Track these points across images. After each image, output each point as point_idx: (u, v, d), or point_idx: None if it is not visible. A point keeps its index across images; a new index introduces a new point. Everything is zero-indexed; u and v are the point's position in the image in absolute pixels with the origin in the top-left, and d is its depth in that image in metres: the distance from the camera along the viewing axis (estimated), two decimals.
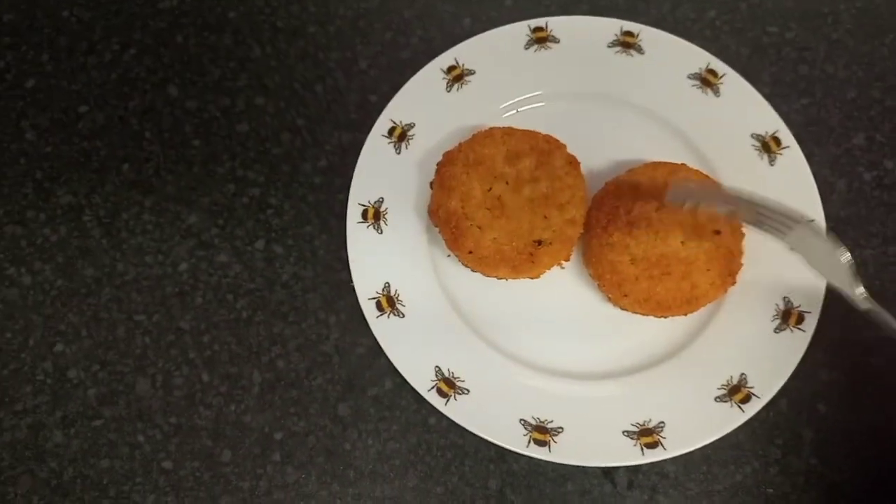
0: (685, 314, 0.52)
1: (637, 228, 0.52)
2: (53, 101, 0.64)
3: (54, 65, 0.66)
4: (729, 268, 0.52)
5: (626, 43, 0.60)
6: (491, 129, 0.58)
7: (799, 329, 0.53)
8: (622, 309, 0.54)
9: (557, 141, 0.57)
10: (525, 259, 0.53)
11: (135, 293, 0.58)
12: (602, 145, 0.59)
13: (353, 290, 0.57)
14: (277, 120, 0.64)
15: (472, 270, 0.55)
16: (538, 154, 0.56)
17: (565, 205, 0.55)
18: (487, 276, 0.55)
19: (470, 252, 0.53)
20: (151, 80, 0.65)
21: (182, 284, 0.59)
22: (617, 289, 0.52)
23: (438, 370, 0.53)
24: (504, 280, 0.56)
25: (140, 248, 0.60)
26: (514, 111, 0.60)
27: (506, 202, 0.54)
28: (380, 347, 0.56)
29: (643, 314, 0.53)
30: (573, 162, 0.56)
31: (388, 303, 0.55)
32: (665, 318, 0.52)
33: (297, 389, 0.56)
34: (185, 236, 0.60)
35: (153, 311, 0.58)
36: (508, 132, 0.57)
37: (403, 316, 0.54)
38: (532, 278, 0.56)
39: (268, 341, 0.57)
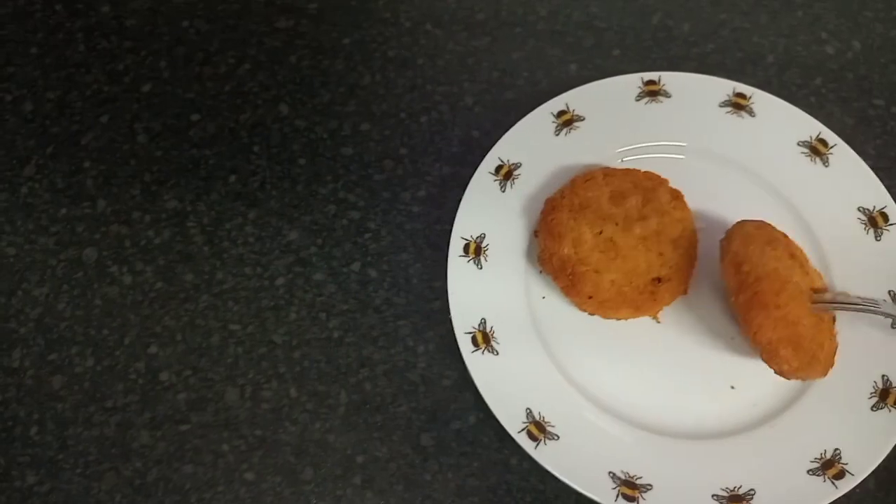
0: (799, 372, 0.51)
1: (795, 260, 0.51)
2: (167, 106, 0.65)
3: (171, 72, 0.67)
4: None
5: (738, 104, 0.60)
6: (591, 171, 0.58)
7: None
8: (747, 329, 0.51)
9: (659, 176, 0.57)
10: (647, 298, 0.53)
11: (231, 302, 0.58)
12: (706, 202, 0.58)
13: (444, 321, 0.57)
14: (381, 147, 0.64)
15: (591, 314, 0.54)
16: (642, 191, 0.56)
17: (678, 239, 0.55)
18: (607, 318, 0.54)
19: (590, 297, 0.52)
20: (263, 97, 0.66)
21: (278, 299, 0.59)
22: (773, 296, 0.50)
23: (529, 412, 0.52)
24: (599, 328, 0.55)
25: (240, 258, 0.60)
26: (620, 160, 0.60)
27: (618, 243, 0.54)
28: (466, 381, 0.55)
29: (767, 341, 0.50)
30: (678, 195, 0.56)
31: (484, 339, 0.54)
32: (779, 364, 0.50)
33: (382, 414, 0.55)
34: (285, 252, 0.60)
35: (248, 322, 0.58)
36: (609, 173, 0.57)
37: (497, 353, 0.54)
38: (653, 316, 0.55)
39: (357, 363, 0.57)
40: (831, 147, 0.58)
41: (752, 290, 0.49)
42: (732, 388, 0.54)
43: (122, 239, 0.61)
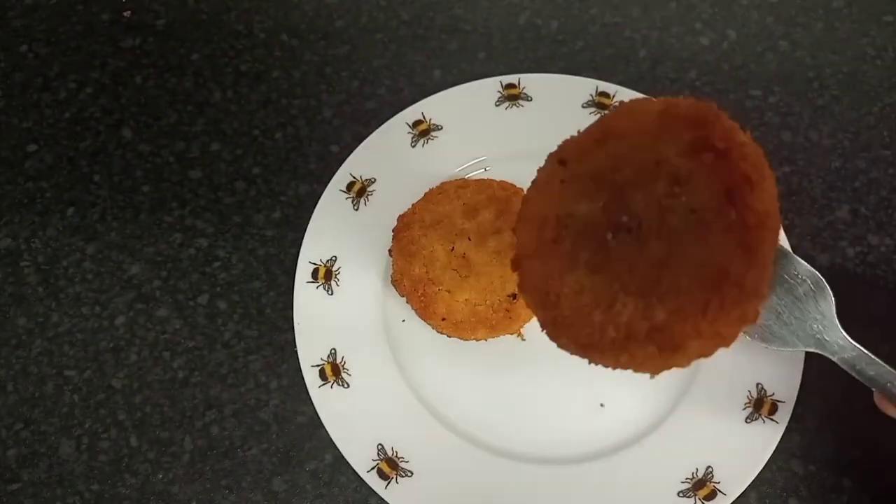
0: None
1: None
2: (2, 138, 0.60)
3: (6, 100, 0.62)
4: None
5: (602, 104, 0.56)
6: (443, 184, 0.54)
7: (771, 419, 0.48)
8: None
9: (514, 186, 0.53)
10: (502, 316, 0.49)
11: (67, 346, 0.54)
12: None
13: (296, 354, 0.52)
14: (233, 167, 0.59)
15: (448, 336, 0.50)
16: (496, 203, 0.52)
17: None
18: (465, 339, 0.50)
19: (443, 319, 0.48)
20: (105, 121, 0.61)
21: (118, 339, 0.54)
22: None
23: (381, 448, 0.48)
24: (460, 350, 0.51)
25: (77, 298, 0.55)
26: (483, 169, 0.56)
27: (472, 259, 0.50)
28: (319, 418, 0.50)
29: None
30: None
31: (333, 371, 0.50)
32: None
33: (231, 459, 0.51)
34: (126, 288, 0.55)
35: (85, 367, 0.53)
36: (462, 185, 0.53)
37: (348, 386, 0.50)
38: (512, 334, 0.51)
39: (203, 405, 0.52)
40: None
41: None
42: (602, 405, 0.50)
43: None
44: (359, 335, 0.51)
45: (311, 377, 0.50)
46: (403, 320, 0.53)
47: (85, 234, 0.57)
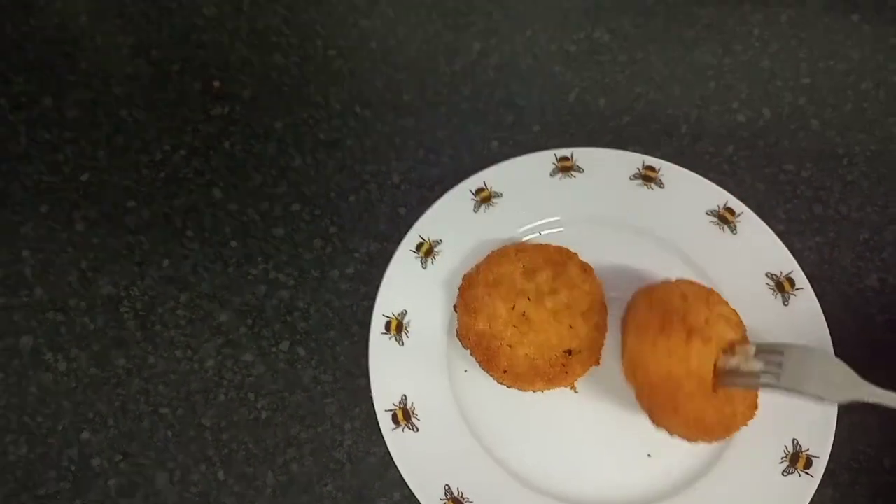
0: (716, 440, 0.51)
1: (693, 339, 0.50)
2: (105, 195, 0.66)
3: (109, 160, 0.68)
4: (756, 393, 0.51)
5: (648, 177, 0.61)
6: (504, 247, 0.58)
7: (807, 473, 0.51)
8: (658, 425, 0.52)
9: (569, 251, 0.58)
10: (559, 371, 0.54)
11: (162, 386, 0.59)
12: (619, 271, 0.59)
13: (370, 399, 0.57)
14: (312, 226, 0.65)
15: (508, 387, 0.54)
16: (553, 266, 0.57)
17: (587, 311, 0.55)
18: (524, 391, 0.54)
19: (505, 371, 0.53)
20: (197, 181, 0.66)
21: (207, 381, 0.59)
22: (669, 402, 0.50)
23: (448, 489, 0.52)
24: (518, 400, 0.55)
25: (171, 342, 0.60)
26: (537, 234, 0.61)
27: (531, 317, 0.54)
28: (391, 458, 0.55)
29: (678, 434, 0.51)
30: (587, 269, 0.57)
31: (404, 416, 0.54)
32: (695, 440, 0.51)
33: (308, 494, 0.55)
34: (215, 334, 0.60)
35: (177, 406, 0.58)
36: (521, 248, 0.58)
37: (417, 430, 0.54)
38: (566, 386, 0.56)
39: (284, 443, 0.57)
40: (738, 215, 0.59)
41: (648, 399, 0.50)
42: (649, 455, 0.54)
43: (58, 326, 0.61)
44: (426, 383, 0.56)
45: (384, 421, 0.54)
46: (466, 371, 0.57)
47: (179, 283, 0.62)
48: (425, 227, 0.60)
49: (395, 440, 0.53)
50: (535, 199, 0.61)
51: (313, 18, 0.73)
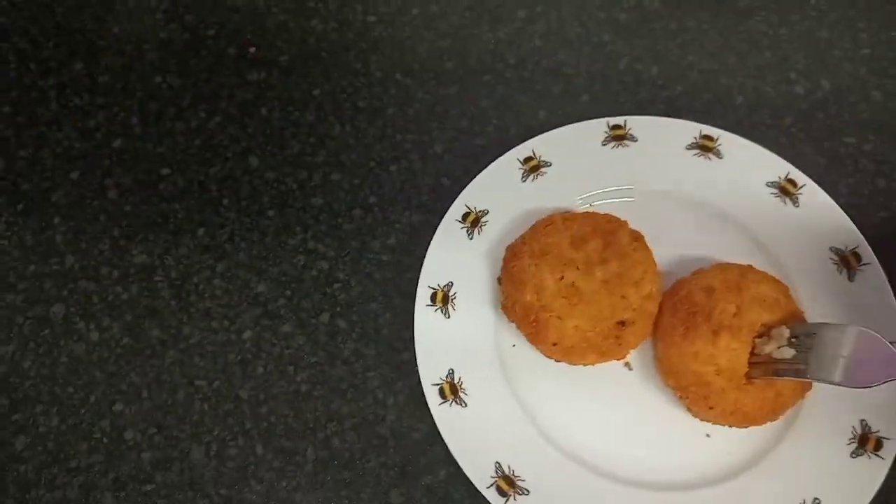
0: (766, 423, 0.48)
1: (719, 336, 0.48)
2: (138, 162, 0.64)
3: (142, 127, 0.65)
4: None
5: (705, 146, 0.58)
6: (551, 216, 0.56)
7: (877, 455, 0.48)
8: (703, 420, 0.50)
9: (618, 219, 0.55)
10: (612, 342, 0.51)
11: (198, 357, 0.56)
12: (674, 243, 0.56)
13: (413, 372, 0.55)
14: (351, 196, 0.62)
15: (557, 361, 0.52)
16: (602, 234, 0.54)
17: (640, 281, 0.52)
18: (574, 364, 0.52)
19: (554, 344, 0.50)
20: (233, 149, 0.64)
21: (245, 352, 0.56)
22: (703, 401, 0.48)
23: (499, 466, 0.49)
24: (569, 375, 0.52)
25: (207, 312, 0.58)
26: (588, 205, 0.58)
27: (580, 288, 0.52)
28: (436, 434, 0.52)
29: (726, 425, 0.49)
30: (638, 237, 0.54)
31: (452, 390, 0.52)
32: (746, 427, 0.48)
33: (350, 471, 0.53)
34: (253, 304, 0.58)
35: (214, 378, 0.56)
36: (569, 217, 0.55)
37: (466, 405, 0.51)
38: (621, 360, 0.53)
39: (324, 417, 0.54)
40: (801, 187, 0.56)
41: (684, 399, 0.50)
42: (708, 436, 0.51)
43: (90, 295, 0.59)
44: (473, 357, 0.53)
45: (431, 395, 0.51)
46: (514, 345, 0.54)
47: (215, 253, 0.60)
48: (472, 196, 0.57)
49: (443, 415, 0.51)
50: (586, 168, 0.59)
51: None
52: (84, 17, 0.70)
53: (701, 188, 0.57)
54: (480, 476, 0.49)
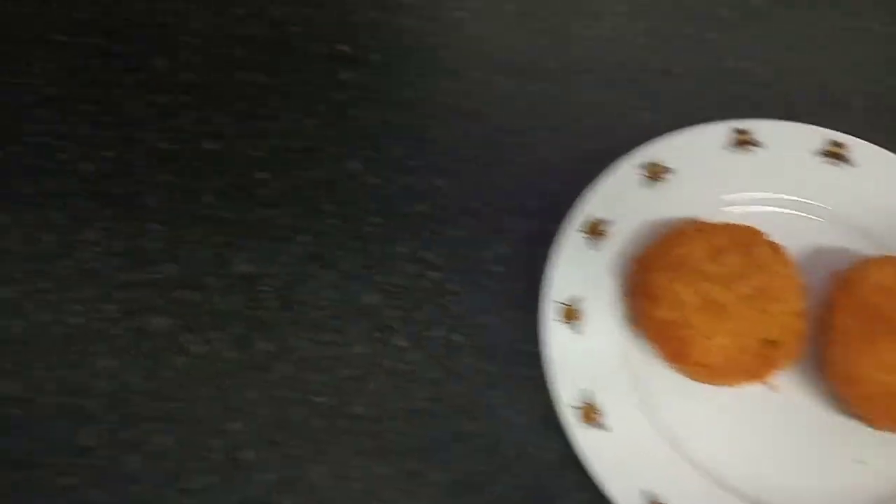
0: None
1: None
2: (232, 165, 0.60)
3: (233, 128, 0.62)
4: None
5: (834, 153, 0.56)
6: (682, 226, 0.53)
7: None
8: (884, 431, 0.48)
9: (755, 229, 0.52)
10: (760, 362, 0.49)
11: (311, 372, 0.54)
12: (805, 256, 0.54)
13: (537, 390, 0.53)
14: (458, 203, 0.59)
15: (697, 381, 0.49)
16: (740, 246, 0.51)
17: (785, 296, 0.50)
18: (717, 385, 0.49)
19: (699, 364, 0.47)
20: (332, 153, 0.61)
21: (358, 367, 0.54)
22: (889, 414, 0.45)
23: (645, 494, 0.47)
24: (708, 396, 0.50)
25: (317, 324, 0.55)
26: (712, 213, 0.55)
27: (722, 303, 0.49)
28: (568, 457, 0.50)
29: None
30: (777, 249, 0.51)
31: (591, 412, 0.49)
32: None
33: (479, 494, 0.51)
34: (363, 316, 0.55)
35: (329, 393, 0.53)
36: (701, 227, 0.52)
37: (606, 428, 0.49)
38: (763, 383, 0.51)
39: (447, 437, 0.52)
40: None
41: (864, 410, 0.48)
42: (861, 462, 0.48)
43: (193, 306, 0.56)
44: (608, 377, 0.51)
45: (569, 417, 0.49)
46: (645, 363, 0.52)
47: (320, 261, 0.57)
48: (593, 204, 0.55)
49: (583, 439, 0.49)
50: (710, 175, 0.56)
51: None
52: (162, 11, 0.67)
53: (831, 198, 0.55)
54: (627, 502, 0.47)
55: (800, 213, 0.56)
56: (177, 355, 0.55)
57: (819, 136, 0.56)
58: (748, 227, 0.52)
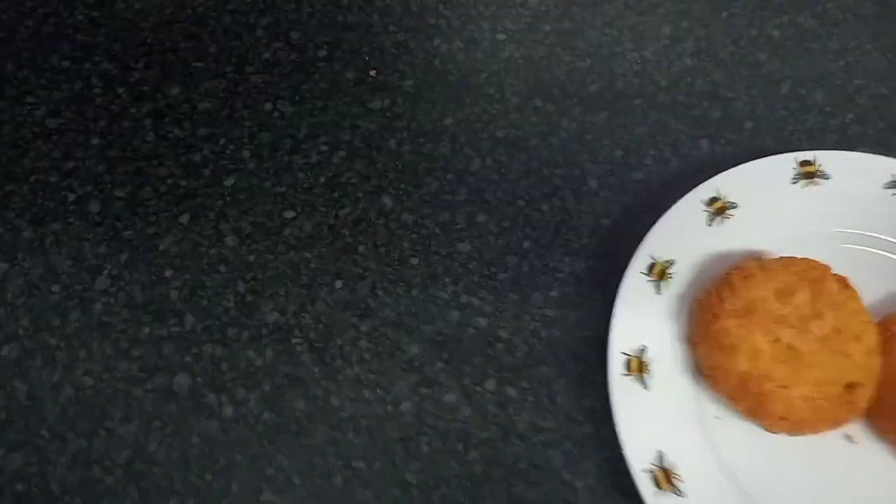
0: None
1: None
2: (256, 203, 0.55)
3: (256, 162, 0.56)
4: None
5: None
6: (745, 265, 0.48)
7: None
8: None
9: (820, 264, 0.48)
10: (844, 408, 0.45)
11: (352, 434, 0.48)
12: (876, 294, 0.49)
13: (601, 449, 0.48)
14: (502, 240, 0.54)
15: (776, 433, 0.44)
16: (809, 284, 0.47)
17: (860, 334, 0.46)
18: (797, 435, 0.45)
19: (782, 418, 0.43)
20: (363, 188, 0.56)
21: (406, 428, 0.48)
22: None
23: None
24: (784, 448, 0.46)
25: (357, 379, 0.49)
26: (781, 249, 0.50)
27: (799, 349, 0.45)
28: None
29: None
30: (846, 284, 0.47)
31: (665, 477, 0.44)
32: None
33: None
34: (407, 370, 0.50)
35: (374, 458, 0.47)
36: (765, 266, 0.48)
37: (683, 494, 0.43)
38: (849, 424, 0.47)
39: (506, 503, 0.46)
40: None
41: None
42: None
43: (218, 361, 0.50)
44: (680, 434, 0.46)
45: (644, 483, 0.44)
46: (717, 417, 0.47)
47: (357, 309, 0.52)
48: (655, 244, 0.50)
49: None
50: (776, 209, 0.52)
51: None
52: (175, 34, 0.61)
53: None
54: None
55: (870, 249, 0.51)
56: (204, 419, 0.49)
57: (887, 167, 0.52)
58: (815, 262, 0.48)
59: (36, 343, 0.50)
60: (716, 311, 0.47)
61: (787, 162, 0.53)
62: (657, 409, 0.46)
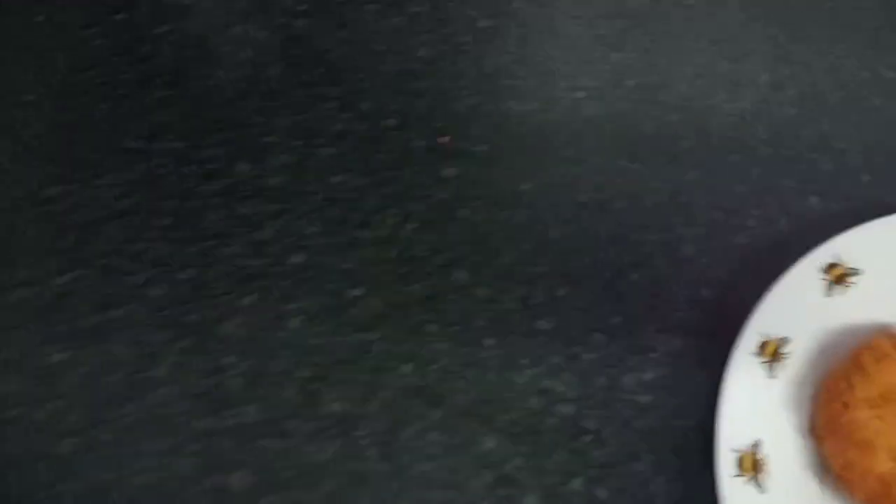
0: None
1: None
2: (322, 281, 0.51)
3: (324, 238, 0.52)
4: None
5: None
6: (876, 343, 0.41)
7: None
8: None
9: None
10: None
11: None
12: None
13: None
14: (587, 316, 0.48)
15: None
16: None
17: None
18: None
19: None
20: (435, 262, 0.51)
21: None
22: None
23: None
24: None
25: (427, 478, 0.44)
26: None
27: None
28: None
29: None
30: None
31: None
32: None
33: None
34: (483, 466, 0.44)
35: None
36: None
37: None
38: None
39: None
40: None
41: None
42: None
43: (277, 456, 0.45)
44: None
45: None
46: None
47: (427, 397, 0.46)
48: (766, 319, 0.43)
49: None
50: None
51: (550, 55, 0.57)
52: (246, 109, 0.59)
53: None
54: None
55: None
56: None
57: None
58: None
59: (89, 439, 0.47)
60: (845, 399, 0.40)
61: None
62: None
